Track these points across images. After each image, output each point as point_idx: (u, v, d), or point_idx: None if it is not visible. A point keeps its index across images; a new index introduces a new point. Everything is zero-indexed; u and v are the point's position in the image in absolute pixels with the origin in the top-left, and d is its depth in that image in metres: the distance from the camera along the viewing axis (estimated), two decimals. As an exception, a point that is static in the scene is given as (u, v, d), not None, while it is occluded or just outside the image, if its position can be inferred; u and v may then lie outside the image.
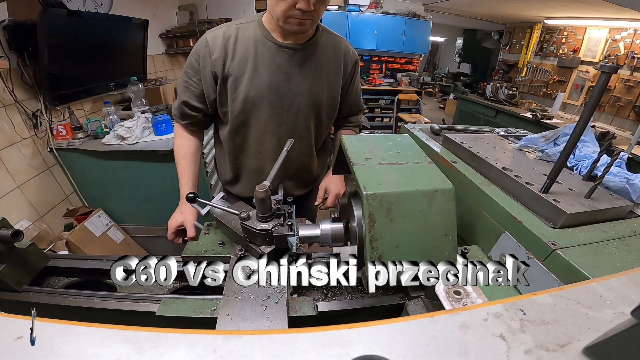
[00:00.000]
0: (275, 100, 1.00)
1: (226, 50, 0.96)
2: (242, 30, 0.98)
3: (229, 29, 0.98)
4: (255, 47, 0.96)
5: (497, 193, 0.82)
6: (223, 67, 0.96)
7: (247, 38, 0.97)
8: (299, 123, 1.06)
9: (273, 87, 0.98)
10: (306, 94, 1.02)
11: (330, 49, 1.05)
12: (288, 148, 0.86)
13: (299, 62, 0.99)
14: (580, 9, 3.45)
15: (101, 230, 2.16)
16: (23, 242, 0.77)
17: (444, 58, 9.90)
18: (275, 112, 1.02)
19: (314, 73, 1.02)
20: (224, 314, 0.61)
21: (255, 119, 1.03)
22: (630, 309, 0.29)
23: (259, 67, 0.97)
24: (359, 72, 1.16)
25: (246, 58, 0.96)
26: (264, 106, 1.01)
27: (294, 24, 0.88)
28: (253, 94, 0.98)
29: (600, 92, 0.66)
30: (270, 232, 0.69)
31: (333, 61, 1.06)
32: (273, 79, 0.98)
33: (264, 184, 0.68)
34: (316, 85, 1.03)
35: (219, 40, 0.96)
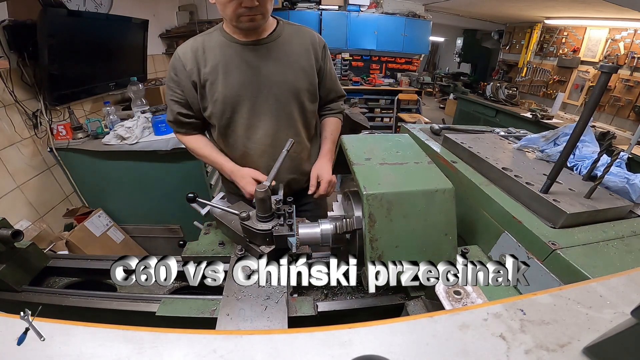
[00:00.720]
0: (251, 95, 1.05)
1: (197, 60, 1.03)
2: (207, 41, 1.05)
3: (195, 41, 1.06)
4: (223, 52, 1.03)
5: (497, 193, 0.82)
6: (199, 75, 1.04)
7: (213, 46, 1.04)
8: (281, 112, 1.09)
9: (246, 83, 1.04)
10: (281, 83, 1.05)
11: (295, 38, 1.09)
12: (288, 148, 0.86)
13: (265, 55, 1.04)
14: (580, 9, 3.45)
15: (101, 230, 2.16)
16: (23, 242, 0.77)
17: (444, 58, 9.89)
18: (255, 106, 1.06)
19: (283, 62, 1.06)
20: (224, 314, 0.61)
21: (238, 115, 1.08)
22: (630, 309, 0.30)
23: (230, 68, 1.03)
24: (329, 56, 1.19)
25: (216, 63, 1.03)
26: (242, 102, 1.05)
27: (245, 22, 0.93)
28: (229, 93, 1.04)
29: (600, 92, 0.66)
30: (270, 232, 0.69)
31: (300, 48, 1.09)
32: (244, 75, 1.03)
33: (264, 184, 0.68)
34: (289, 73, 1.06)
35: (188, 53, 1.04)
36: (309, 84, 1.11)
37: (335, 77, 1.24)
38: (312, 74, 1.12)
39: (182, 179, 2.15)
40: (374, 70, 5.39)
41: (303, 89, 1.10)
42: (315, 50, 1.12)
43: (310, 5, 4.63)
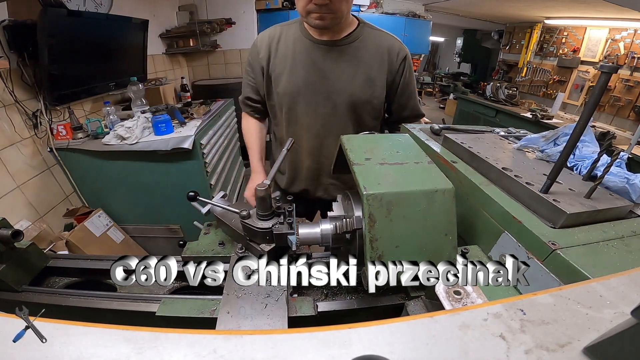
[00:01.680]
0: (310, 96, 1.04)
1: (270, 50, 1.05)
2: (285, 31, 1.06)
3: (274, 29, 1.07)
4: (294, 46, 1.03)
5: (497, 193, 0.81)
6: (268, 64, 1.06)
7: (289, 37, 1.04)
8: (335, 120, 1.07)
9: (309, 83, 1.02)
10: (342, 90, 1.02)
11: (373, 45, 1.03)
12: (288, 147, 0.86)
13: (334, 58, 1.01)
14: (580, 9, 3.45)
15: (101, 230, 2.16)
16: (23, 242, 0.77)
17: (444, 58, 9.89)
18: (311, 107, 1.06)
19: (351, 69, 1.02)
20: (225, 312, 0.61)
21: (294, 113, 1.08)
22: (630, 309, 0.29)
23: (297, 63, 1.02)
24: (410, 70, 1.10)
25: (286, 56, 1.03)
26: (300, 101, 1.05)
27: (314, 19, 0.91)
28: (290, 89, 1.04)
29: (600, 92, 0.66)
30: (270, 231, 0.69)
31: (375, 57, 1.03)
32: (309, 74, 1.02)
33: (264, 183, 0.69)
34: (354, 82, 1.02)
35: (264, 41, 1.06)
36: (373, 97, 1.05)
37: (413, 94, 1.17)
38: (380, 86, 1.05)
39: (182, 179, 2.15)
40: (374, 70, 5.38)
41: (364, 101, 1.05)
42: (391, 61, 1.05)
43: (311, 5, 4.62)
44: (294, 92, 1.04)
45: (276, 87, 1.07)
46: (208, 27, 3.46)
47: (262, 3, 4.23)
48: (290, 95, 1.05)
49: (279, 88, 1.06)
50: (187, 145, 1.99)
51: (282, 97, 1.07)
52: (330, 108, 1.05)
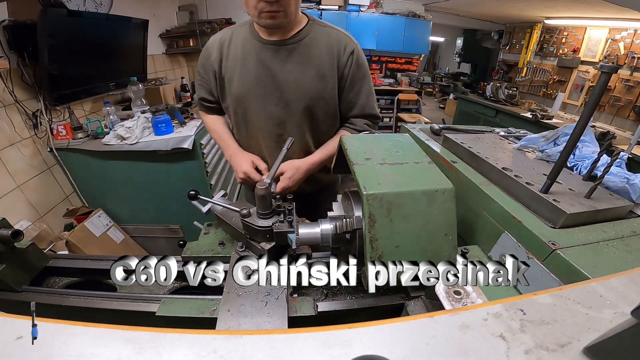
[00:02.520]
0: (261, 96, 1.04)
1: (221, 52, 1.05)
2: (236, 33, 1.06)
3: (226, 32, 1.07)
4: (244, 47, 1.03)
5: (497, 193, 0.82)
6: (220, 67, 1.06)
7: (239, 40, 1.04)
8: (290, 118, 1.07)
9: (260, 84, 1.03)
10: (294, 89, 1.02)
11: (322, 41, 1.02)
12: (288, 146, 0.86)
13: (284, 56, 1.01)
14: (580, 9, 3.45)
15: (101, 230, 2.16)
16: (23, 242, 0.77)
17: (444, 58, 9.89)
18: (263, 108, 1.06)
19: (301, 67, 1.01)
20: (225, 310, 0.61)
21: (247, 115, 1.09)
22: (630, 309, 0.29)
23: (247, 65, 1.03)
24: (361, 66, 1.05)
25: (236, 58, 1.03)
26: (252, 102, 1.05)
27: (265, 18, 0.90)
28: (242, 91, 1.04)
29: (600, 92, 0.66)
30: (270, 229, 0.70)
31: (325, 53, 1.02)
32: (259, 75, 1.02)
33: (265, 181, 0.69)
34: (305, 78, 1.01)
35: (216, 43, 1.06)
36: (324, 93, 1.03)
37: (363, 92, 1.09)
38: (331, 82, 1.03)
39: (182, 179, 2.15)
40: (374, 70, 5.39)
41: (316, 97, 1.04)
42: (339, 55, 1.02)
43: (310, 5, 4.63)
44: (245, 93, 1.05)
45: (229, 90, 1.07)
46: (208, 27, 3.45)
47: (262, 3, 4.22)
48: (242, 97, 1.06)
49: (232, 90, 1.06)
50: (187, 145, 1.99)
51: (234, 100, 1.07)
52: (282, 107, 1.05)
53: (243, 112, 1.09)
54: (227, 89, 1.08)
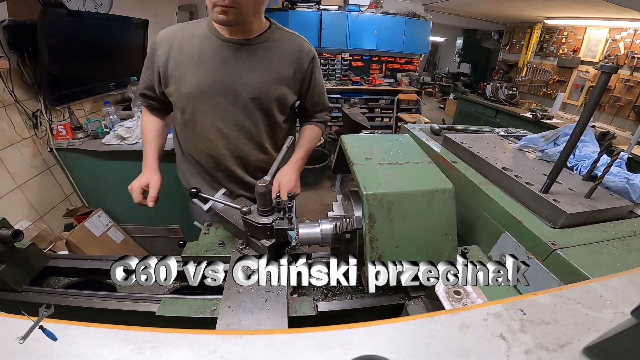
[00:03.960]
0: (218, 95, 1.01)
1: (171, 48, 1.00)
2: (190, 29, 1.02)
3: (178, 28, 1.03)
4: (201, 44, 0.99)
5: (497, 193, 0.82)
6: (166, 63, 1.00)
7: (194, 36, 1.00)
8: (247, 119, 1.05)
9: (218, 82, 0.99)
10: (253, 88, 1.01)
11: (284, 46, 1.04)
12: (288, 145, 0.86)
13: (245, 57, 1.00)
14: (580, 9, 3.45)
15: (101, 230, 2.16)
16: (23, 242, 0.77)
17: (444, 58, 9.88)
18: (221, 107, 1.03)
19: (262, 67, 1.01)
20: (226, 307, 0.61)
21: (201, 114, 1.04)
22: (630, 309, 0.29)
23: (204, 62, 0.99)
24: (318, 68, 1.14)
25: (191, 55, 0.99)
26: (207, 101, 1.02)
27: (218, 13, 0.87)
28: (196, 89, 1.00)
29: (600, 92, 0.66)
30: (270, 226, 0.70)
31: (286, 57, 1.04)
32: (216, 72, 0.99)
33: (265, 179, 0.69)
34: (265, 80, 1.02)
35: (165, 39, 1.01)
36: (281, 95, 1.06)
37: (323, 91, 1.20)
38: (289, 85, 1.07)
39: (182, 179, 2.15)
40: (374, 70, 5.38)
41: (273, 98, 1.05)
42: (301, 61, 1.07)
43: (310, 5, 4.63)
44: (200, 92, 1.00)
45: (179, 87, 1.02)
46: (208, 27, 3.46)
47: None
48: (195, 95, 1.01)
49: (183, 88, 1.01)
50: (187, 145, 1.99)
51: (185, 98, 1.02)
52: (239, 107, 1.03)
53: (193, 112, 1.05)
54: (175, 86, 1.02)
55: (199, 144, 1.11)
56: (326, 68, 5.11)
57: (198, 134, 1.09)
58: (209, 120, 1.05)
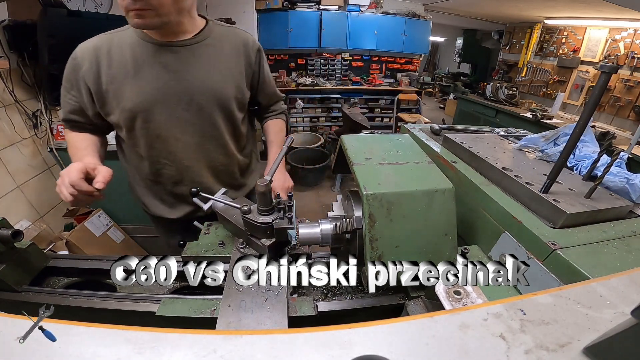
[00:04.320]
0: (168, 103, 0.93)
1: (99, 61, 0.90)
2: (116, 38, 0.92)
3: (100, 39, 0.93)
4: (133, 52, 0.90)
5: (497, 193, 0.82)
6: (98, 78, 0.90)
7: (123, 44, 0.91)
8: (205, 122, 0.99)
9: (163, 88, 0.91)
10: (206, 89, 0.95)
11: (226, 41, 0.99)
12: (289, 144, 0.86)
13: (187, 57, 0.93)
14: (580, 9, 3.45)
15: (101, 230, 2.16)
16: (23, 242, 0.77)
17: (444, 58, 9.88)
18: (175, 115, 0.95)
19: (209, 66, 0.95)
20: (226, 306, 0.61)
21: (153, 126, 0.95)
22: (630, 309, 0.29)
23: (142, 70, 0.90)
24: (265, 60, 1.10)
25: (125, 65, 0.90)
26: (156, 111, 0.93)
27: (133, 17, 0.80)
28: (140, 100, 0.91)
29: (600, 92, 0.66)
30: (270, 225, 0.70)
31: (232, 52, 1.00)
32: (160, 79, 0.91)
33: (265, 179, 0.69)
34: (215, 78, 0.96)
35: (88, 52, 0.91)
36: (237, 91, 1.01)
37: (272, 81, 1.17)
38: (241, 80, 1.02)
39: (182, 179, 2.15)
40: (374, 70, 5.39)
41: (231, 96, 0.99)
42: (248, 54, 1.02)
43: (310, 5, 4.63)
44: (146, 102, 0.91)
45: (119, 103, 0.91)
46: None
47: (262, 3, 4.23)
48: (140, 107, 0.91)
49: (126, 103, 0.91)
50: (187, 145, 1.99)
51: (129, 112, 0.92)
52: (195, 111, 0.96)
53: (144, 127, 0.94)
54: (114, 103, 0.92)
55: (160, 160, 1.01)
56: (326, 68, 5.11)
57: (157, 150, 0.99)
58: (166, 132, 0.96)
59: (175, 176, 1.04)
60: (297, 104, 4.82)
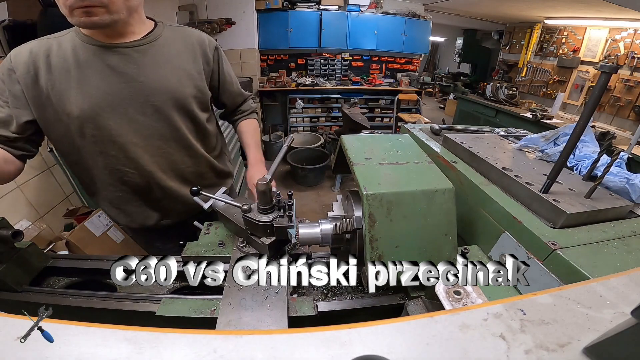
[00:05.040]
0: (120, 107, 0.87)
1: (36, 65, 0.82)
2: (55, 42, 0.86)
3: (38, 42, 0.86)
4: (75, 55, 0.83)
5: (497, 193, 0.82)
6: (35, 83, 0.83)
7: (64, 48, 0.84)
8: (164, 125, 0.94)
9: (112, 93, 0.86)
10: (161, 90, 0.90)
11: (179, 41, 0.95)
12: (289, 144, 0.86)
13: (138, 59, 0.88)
14: (580, 9, 3.45)
15: (101, 230, 2.15)
16: (23, 242, 0.77)
17: (444, 58, 9.88)
18: (129, 119, 0.89)
19: (162, 66, 0.91)
20: (226, 304, 0.61)
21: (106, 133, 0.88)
22: (630, 309, 0.29)
23: (87, 75, 0.84)
24: (224, 58, 1.07)
25: (67, 69, 0.83)
26: (108, 117, 0.87)
27: (79, 15, 0.73)
28: (87, 105, 0.84)
29: (600, 92, 0.66)
30: (270, 224, 0.70)
31: (186, 52, 0.96)
32: (108, 83, 0.85)
33: (265, 177, 0.69)
34: (170, 79, 0.91)
35: (23, 56, 0.84)
36: (197, 91, 0.97)
37: (235, 80, 1.12)
38: (200, 79, 0.98)
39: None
40: (374, 70, 5.39)
41: (189, 95, 0.95)
42: (205, 53, 0.99)
43: (310, 5, 4.63)
44: (94, 108, 0.84)
45: (64, 110, 0.83)
46: (208, 27, 3.46)
47: (262, 3, 4.23)
48: (90, 112, 0.84)
49: (70, 109, 0.83)
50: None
51: (79, 119, 0.84)
52: (151, 114, 0.91)
53: (94, 133, 0.87)
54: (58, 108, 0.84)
55: (120, 168, 0.95)
56: (326, 68, 5.12)
57: (114, 157, 0.92)
58: (121, 138, 0.90)
59: (140, 183, 0.98)
60: (297, 104, 4.82)
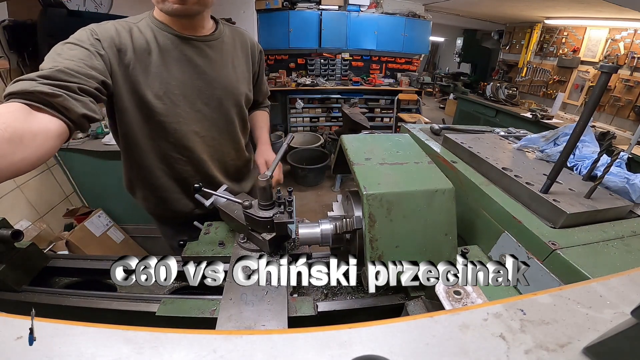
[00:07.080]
0: (192, 96, 0.93)
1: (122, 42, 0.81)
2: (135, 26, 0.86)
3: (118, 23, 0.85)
4: (155, 41, 0.85)
5: (497, 193, 0.82)
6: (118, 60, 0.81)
7: (145, 33, 0.86)
8: (222, 118, 1.02)
9: (187, 82, 0.91)
10: (225, 87, 0.98)
11: (237, 41, 1.04)
12: (289, 142, 0.87)
13: (208, 54, 0.93)
14: (580, 9, 3.45)
15: (101, 230, 2.16)
16: (23, 242, 0.77)
17: (444, 58, 9.88)
18: (196, 109, 0.95)
19: (225, 64, 0.98)
20: (227, 299, 0.62)
21: (174, 118, 0.93)
22: (630, 309, 0.29)
23: (167, 61, 0.87)
24: (264, 60, 1.18)
25: (148, 52, 0.84)
26: (180, 103, 0.92)
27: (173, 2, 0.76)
28: (164, 92, 0.88)
29: (600, 92, 0.66)
30: (271, 220, 0.71)
31: (242, 51, 1.05)
32: (185, 73, 0.90)
33: (266, 174, 0.70)
34: (231, 77, 1.00)
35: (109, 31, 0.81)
36: (248, 90, 1.08)
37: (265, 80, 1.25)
38: (249, 78, 1.09)
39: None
40: (374, 70, 5.39)
41: (243, 93, 1.05)
42: (254, 55, 1.09)
43: (310, 5, 4.63)
44: (168, 94, 0.88)
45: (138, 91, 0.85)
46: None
47: (262, 3, 4.23)
48: (166, 98, 0.88)
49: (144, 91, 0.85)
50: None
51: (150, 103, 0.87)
52: (215, 106, 0.97)
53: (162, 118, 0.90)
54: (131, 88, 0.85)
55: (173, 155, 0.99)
56: (326, 68, 5.12)
57: (171, 143, 0.96)
58: (186, 126, 0.95)
59: (190, 170, 1.03)
60: (297, 104, 4.82)
